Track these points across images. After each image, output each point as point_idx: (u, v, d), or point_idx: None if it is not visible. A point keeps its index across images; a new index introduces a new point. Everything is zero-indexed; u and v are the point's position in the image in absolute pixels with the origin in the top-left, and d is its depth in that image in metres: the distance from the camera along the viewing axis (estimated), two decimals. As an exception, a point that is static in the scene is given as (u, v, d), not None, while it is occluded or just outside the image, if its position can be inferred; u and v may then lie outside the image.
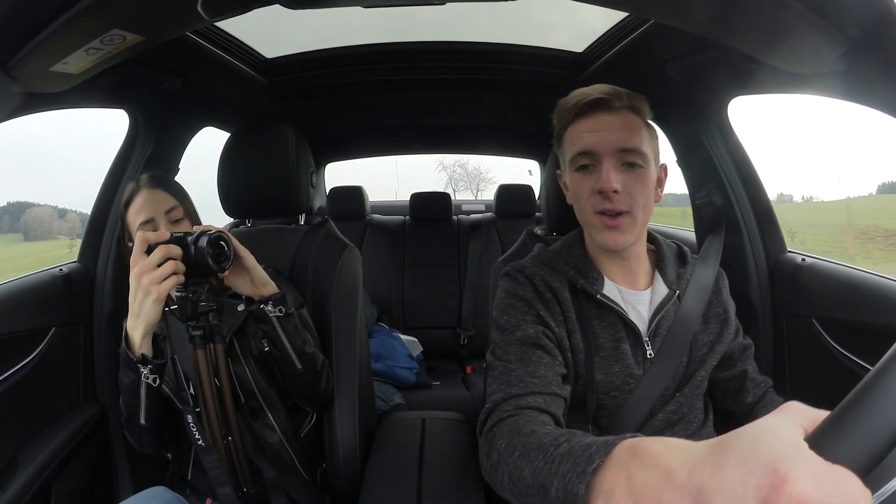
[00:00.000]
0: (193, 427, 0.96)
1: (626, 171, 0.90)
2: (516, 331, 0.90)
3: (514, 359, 0.86)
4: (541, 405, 0.79)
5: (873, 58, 0.78)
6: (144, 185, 1.16)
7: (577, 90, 0.95)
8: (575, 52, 1.53)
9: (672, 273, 1.00)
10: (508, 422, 0.75)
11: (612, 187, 0.87)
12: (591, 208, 0.91)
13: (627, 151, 0.89)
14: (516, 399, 0.80)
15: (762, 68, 1.02)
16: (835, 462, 0.33)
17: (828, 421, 0.37)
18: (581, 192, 0.93)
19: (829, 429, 0.36)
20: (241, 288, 1.02)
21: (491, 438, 0.75)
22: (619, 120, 0.91)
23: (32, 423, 1.26)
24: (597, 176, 0.90)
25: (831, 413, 0.37)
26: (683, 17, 0.87)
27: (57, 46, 0.85)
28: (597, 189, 0.89)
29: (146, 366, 0.92)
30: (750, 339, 1.07)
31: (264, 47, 1.49)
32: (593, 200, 0.91)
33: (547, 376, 0.84)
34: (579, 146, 0.92)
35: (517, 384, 0.82)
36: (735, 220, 1.35)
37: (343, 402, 1.22)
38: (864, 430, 0.34)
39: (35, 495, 1.18)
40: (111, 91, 1.25)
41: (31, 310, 1.28)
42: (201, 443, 0.97)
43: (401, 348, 2.27)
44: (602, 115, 0.91)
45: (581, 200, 0.94)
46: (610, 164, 0.89)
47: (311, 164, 1.41)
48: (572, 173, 0.95)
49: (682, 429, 0.96)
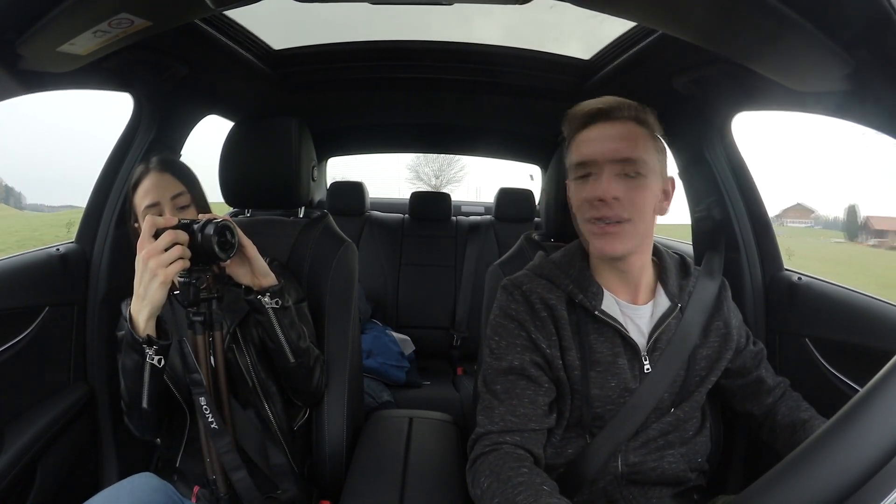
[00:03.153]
0: (207, 409, 0.96)
1: (627, 181, 0.90)
2: (503, 359, 0.94)
3: (500, 390, 0.93)
4: (517, 442, 0.89)
5: (880, 79, 0.78)
6: (153, 169, 1.16)
7: (586, 101, 0.96)
8: (582, 60, 1.53)
9: (674, 286, 1.00)
10: (490, 458, 0.87)
11: (609, 194, 0.88)
12: (585, 216, 0.92)
13: (627, 161, 0.89)
14: (496, 435, 0.89)
15: (768, 84, 1.03)
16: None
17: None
18: (578, 200, 0.94)
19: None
20: (242, 277, 1.03)
21: (475, 473, 0.87)
22: (620, 130, 0.91)
23: (21, 400, 1.26)
24: (594, 185, 0.90)
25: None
26: (688, 28, 0.87)
27: (65, 27, 0.85)
28: (592, 197, 0.90)
29: (151, 346, 0.92)
30: (762, 344, 1.09)
31: (272, 38, 1.49)
32: (586, 208, 0.92)
33: (527, 414, 0.91)
34: (578, 156, 0.93)
35: (498, 422, 0.90)
36: (733, 235, 1.35)
37: (332, 397, 1.22)
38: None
39: (20, 473, 1.18)
40: (117, 74, 1.25)
41: (25, 288, 1.28)
42: (215, 426, 0.97)
43: (393, 346, 2.27)
44: (603, 125, 0.92)
45: (579, 209, 0.95)
46: (610, 174, 0.89)
47: (314, 157, 1.41)
48: (573, 182, 0.96)
49: (678, 437, 0.97)
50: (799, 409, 1.02)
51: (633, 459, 0.93)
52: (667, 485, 0.97)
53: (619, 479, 0.94)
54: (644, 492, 0.96)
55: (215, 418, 0.97)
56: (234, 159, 1.35)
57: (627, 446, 0.94)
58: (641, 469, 0.94)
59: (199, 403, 0.97)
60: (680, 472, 0.95)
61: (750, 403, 1.07)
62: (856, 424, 0.42)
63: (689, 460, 0.97)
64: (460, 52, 1.56)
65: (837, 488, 0.39)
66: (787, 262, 1.36)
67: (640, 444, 0.94)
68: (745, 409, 1.08)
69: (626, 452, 0.94)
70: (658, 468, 0.94)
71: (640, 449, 0.94)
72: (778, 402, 1.05)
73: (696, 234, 1.48)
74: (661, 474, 0.94)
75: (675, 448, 0.96)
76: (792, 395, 1.06)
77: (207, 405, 0.97)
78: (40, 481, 1.24)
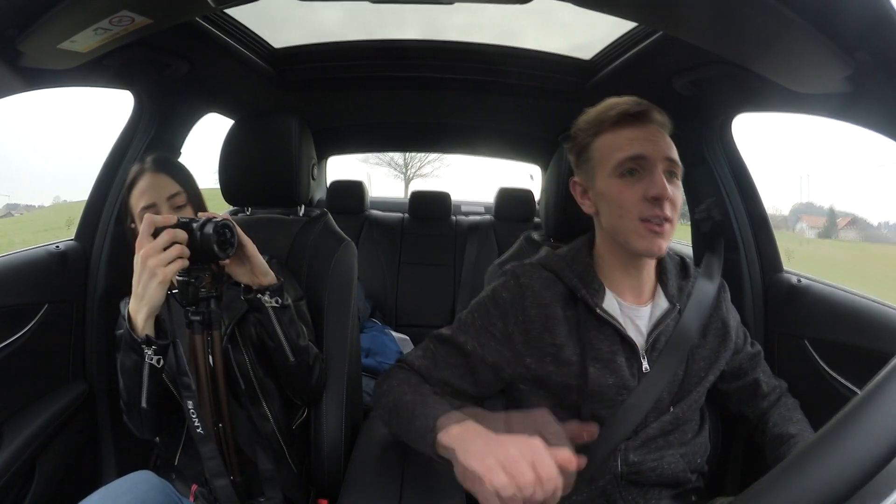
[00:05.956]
0: (194, 414, 0.95)
1: (670, 181, 0.90)
2: (463, 336, 1.00)
3: (443, 354, 1.01)
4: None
5: (881, 82, 0.78)
6: (149, 169, 1.15)
7: (611, 100, 0.96)
8: (582, 60, 1.53)
9: (674, 287, 1.00)
10: (402, 374, 1.00)
11: (667, 192, 0.88)
12: (638, 214, 0.89)
13: (672, 161, 0.91)
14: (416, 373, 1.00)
15: (768, 86, 1.03)
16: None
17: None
18: (626, 197, 0.91)
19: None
20: (241, 276, 1.03)
21: (385, 378, 1.01)
22: (660, 131, 0.93)
23: (20, 397, 1.26)
24: (647, 182, 0.89)
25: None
26: (688, 29, 0.87)
27: (65, 24, 0.85)
28: (650, 195, 0.88)
29: (150, 346, 0.91)
30: (759, 346, 1.09)
31: (272, 37, 1.49)
32: (641, 207, 0.89)
33: (448, 382, 0.99)
34: (629, 151, 0.91)
35: (424, 372, 1.00)
36: (733, 236, 1.35)
37: (331, 395, 1.22)
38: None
39: (19, 470, 1.18)
40: (118, 71, 1.25)
41: (25, 285, 1.28)
42: (201, 431, 0.96)
43: (391, 345, 2.27)
44: (649, 125, 0.93)
45: (624, 207, 0.91)
46: (660, 172, 0.89)
47: (314, 155, 1.41)
48: (613, 179, 0.93)
49: (677, 438, 0.97)
50: (790, 420, 1.02)
51: (633, 459, 0.94)
52: (666, 485, 0.97)
53: (619, 478, 0.94)
54: (643, 492, 0.96)
55: (201, 423, 0.96)
56: (234, 157, 1.34)
57: (627, 445, 0.94)
58: (641, 469, 0.94)
59: (187, 407, 0.95)
60: (679, 472, 0.96)
61: (745, 406, 1.08)
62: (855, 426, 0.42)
63: (689, 461, 0.97)
64: (460, 51, 1.56)
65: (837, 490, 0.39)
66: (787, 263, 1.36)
67: (640, 444, 0.94)
68: (741, 412, 1.09)
69: (626, 452, 0.94)
70: (658, 468, 0.94)
71: (640, 448, 0.94)
72: (772, 408, 1.05)
73: (696, 235, 1.48)
74: (660, 474, 0.95)
75: (674, 448, 0.96)
76: (787, 402, 1.07)
77: (194, 409, 0.95)
78: (39, 478, 1.24)
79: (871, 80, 0.79)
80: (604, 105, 0.96)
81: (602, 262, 1.00)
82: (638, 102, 0.93)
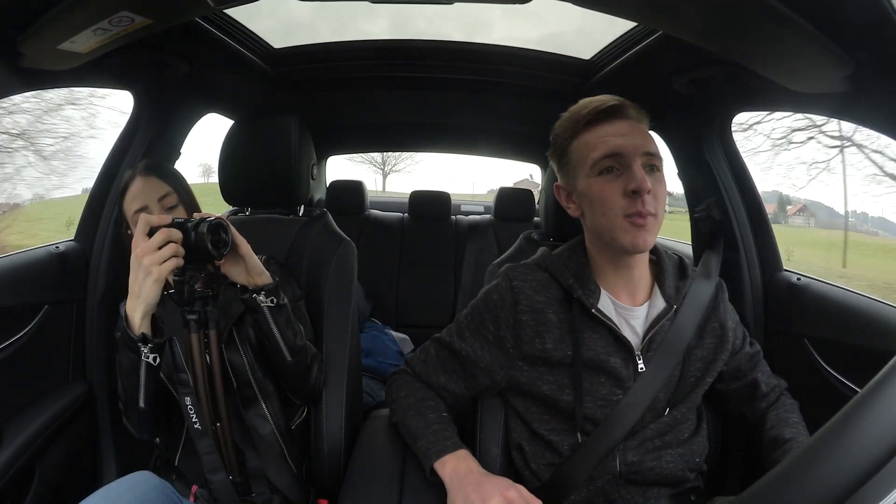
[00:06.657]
0: (192, 409, 0.96)
1: (650, 174, 0.89)
2: (459, 341, 1.03)
3: (440, 358, 1.06)
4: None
5: (881, 81, 0.78)
6: (139, 173, 1.17)
7: (585, 100, 0.95)
8: (582, 60, 1.53)
9: (671, 287, 1.00)
10: (409, 379, 1.09)
11: (647, 186, 0.86)
12: (621, 211, 0.89)
13: (651, 155, 0.90)
14: (418, 378, 1.08)
15: (767, 85, 1.03)
16: None
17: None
18: (608, 194, 0.90)
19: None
20: (236, 276, 1.03)
21: (394, 382, 1.11)
22: (636, 125, 0.93)
23: (20, 398, 1.26)
24: (626, 177, 0.88)
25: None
26: (688, 28, 0.87)
27: (65, 25, 0.85)
28: (629, 189, 0.87)
29: (146, 345, 0.92)
30: (758, 346, 1.09)
31: (272, 37, 1.49)
32: (623, 203, 0.88)
33: (445, 387, 1.05)
34: (604, 149, 0.90)
35: (424, 377, 1.07)
36: (732, 235, 1.35)
37: (331, 396, 1.22)
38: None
39: (19, 470, 1.18)
40: (118, 72, 1.25)
41: (25, 286, 1.28)
42: (198, 426, 0.97)
43: (391, 345, 2.27)
44: (623, 120, 0.92)
45: (606, 204, 0.90)
46: (638, 166, 0.88)
47: (313, 155, 1.41)
48: (593, 178, 0.92)
49: (675, 438, 0.97)
50: (787, 423, 1.01)
51: (632, 458, 0.94)
52: (665, 485, 0.97)
53: (618, 478, 0.94)
54: (642, 492, 0.96)
55: (199, 419, 0.97)
56: (234, 157, 1.34)
57: (625, 446, 0.94)
58: (640, 469, 0.94)
59: (185, 403, 0.96)
60: (678, 472, 0.96)
61: (744, 407, 1.08)
62: (855, 425, 0.42)
63: (688, 461, 0.97)
64: (460, 51, 1.56)
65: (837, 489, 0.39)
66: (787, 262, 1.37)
67: (638, 444, 0.94)
68: (740, 412, 1.09)
69: (625, 452, 0.94)
70: (656, 468, 0.94)
71: (638, 448, 0.94)
72: (770, 409, 1.05)
73: (696, 235, 1.48)
74: (659, 474, 0.95)
75: (672, 448, 0.96)
76: (785, 403, 1.06)
77: (192, 405, 0.96)
78: (39, 479, 1.24)
79: (871, 80, 0.79)
80: (577, 105, 0.96)
81: (594, 263, 1.00)
82: (610, 98, 0.93)
